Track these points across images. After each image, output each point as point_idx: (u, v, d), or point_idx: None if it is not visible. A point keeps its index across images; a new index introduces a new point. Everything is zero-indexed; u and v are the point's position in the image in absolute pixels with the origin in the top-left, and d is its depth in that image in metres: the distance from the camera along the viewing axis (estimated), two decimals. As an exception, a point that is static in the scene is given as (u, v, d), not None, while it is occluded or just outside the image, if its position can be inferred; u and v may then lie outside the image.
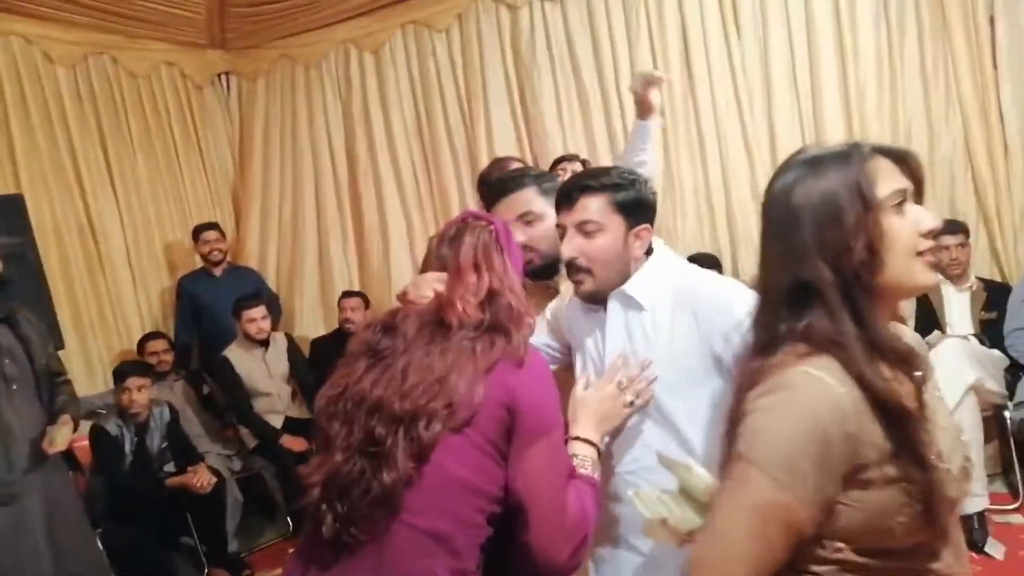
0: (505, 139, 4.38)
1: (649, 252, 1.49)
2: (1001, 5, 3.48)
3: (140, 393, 3.45)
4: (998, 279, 3.58)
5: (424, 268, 1.39)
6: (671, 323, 1.41)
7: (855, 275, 0.93)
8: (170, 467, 3.59)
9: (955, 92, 3.59)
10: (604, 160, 4.13)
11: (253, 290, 4.33)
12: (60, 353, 3.13)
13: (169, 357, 4.08)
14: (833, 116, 3.77)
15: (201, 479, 3.40)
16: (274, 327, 4.27)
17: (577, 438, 1.35)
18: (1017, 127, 3.50)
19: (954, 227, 3.51)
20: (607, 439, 1.43)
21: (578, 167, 3.15)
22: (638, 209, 1.45)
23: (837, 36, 3.73)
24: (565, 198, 1.47)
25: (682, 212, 4.06)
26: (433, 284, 1.31)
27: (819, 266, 0.94)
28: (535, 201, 1.71)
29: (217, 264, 4.43)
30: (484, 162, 4.33)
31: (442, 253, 1.35)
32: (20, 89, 3.97)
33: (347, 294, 4.45)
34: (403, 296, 1.35)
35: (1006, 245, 3.58)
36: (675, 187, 4.07)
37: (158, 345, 4.06)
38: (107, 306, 4.25)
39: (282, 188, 4.93)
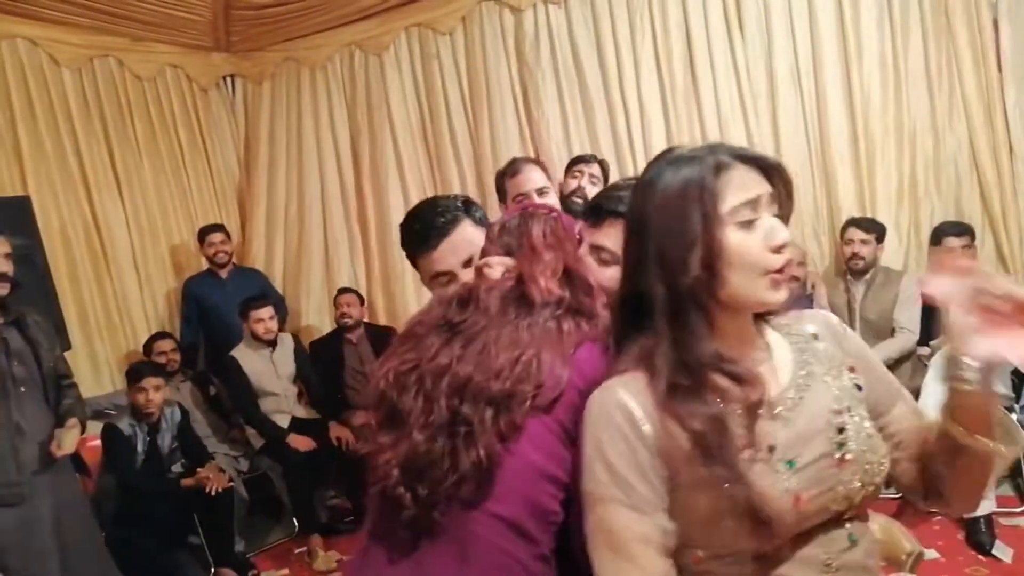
0: (509, 141, 4.39)
1: None
2: (1005, 8, 3.48)
3: (157, 393, 3.48)
4: (1003, 281, 3.57)
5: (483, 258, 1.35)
6: None
7: (690, 291, 0.90)
8: (177, 467, 3.61)
9: (959, 94, 3.59)
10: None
11: (259, 291, 4.35)
12: (67, 354, 3.15)
13: (177, 357, 4.10)
14: (837, 118, 3.78)
15: (215, 483, 3.41)
16: (281, 328, 4.29)
17: None
18: (1022, 129, 3.50)
19: (959, 229, 3.51)
20: None
21: (595, 169, 3.09)
22: None
23: (841, 38, 3.74)
24: (592, 213, 1.39)
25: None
26: (501, 265, 1.27)
27: (654, 281, 0.92)
28: (475, 237, 1.49)
29: (223, 266, 4.45)
30: (488, 164, 4.35)
31: (504, 241, 1.32)
32: (26, 92, 3.99)
33: (343, 290, 4.48)
34: (480, 270, 1.29)
35: (1012, 247, 3.58)
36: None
37: (166, 345, 4.08)
38: (113, 307, 4.26)
39: (287, 190, 4.95)
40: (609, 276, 1.31)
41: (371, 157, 4.76)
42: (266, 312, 4.04)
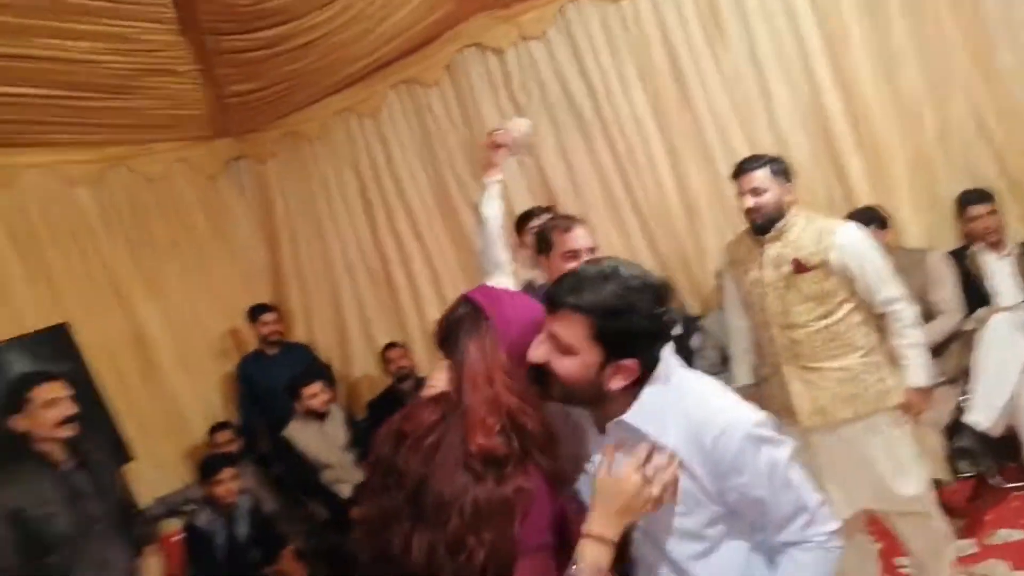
0: (513, 181, 4.39)
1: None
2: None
3: (234, 482, 3.58)
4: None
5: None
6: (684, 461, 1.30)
7: None
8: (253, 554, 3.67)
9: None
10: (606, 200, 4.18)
11: (308, 365, 4.47)
12: (131, 464, 3.20)
13: (234, 447, 4.22)
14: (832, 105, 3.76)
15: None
16: (333, 397, 4.37)
17: (589, 535, 1.24)
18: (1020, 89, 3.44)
19: (980, 196, 3.46)
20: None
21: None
22: (625, 342, 1.27)
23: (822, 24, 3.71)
24: (549, 301, 1.32)
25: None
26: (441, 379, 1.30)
27: None
28: (765, 179, 2.49)
29: (274, 344, 4.58)
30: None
31: (452, 344, 1.33)
32: (47, 218, 4.05)
33: (390, 345, 4.62)
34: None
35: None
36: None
37: (222, 436, 4.23)
38: (166, 408, 4.37)
39: (311, 260, 5.01)
40: (565, 367, 1.28)
41: (384, 214, 4.81)
42: (316, 387, 4.14)
